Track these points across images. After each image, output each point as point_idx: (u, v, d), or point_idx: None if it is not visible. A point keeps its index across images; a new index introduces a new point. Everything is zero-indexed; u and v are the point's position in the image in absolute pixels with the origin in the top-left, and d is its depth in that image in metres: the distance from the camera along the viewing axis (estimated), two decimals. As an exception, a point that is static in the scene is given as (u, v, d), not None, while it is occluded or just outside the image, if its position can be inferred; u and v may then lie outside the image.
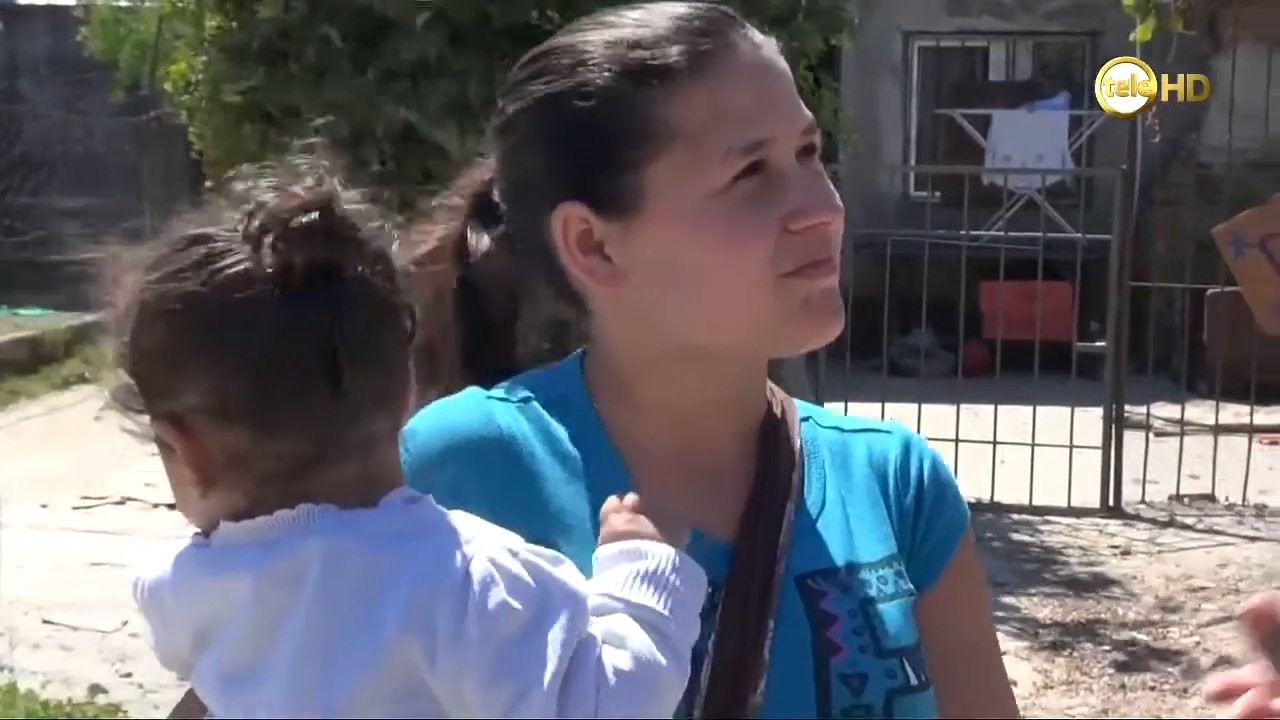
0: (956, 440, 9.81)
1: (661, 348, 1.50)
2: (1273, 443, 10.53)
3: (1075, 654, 7.15)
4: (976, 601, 1.65)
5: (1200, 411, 10.81)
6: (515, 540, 1.29)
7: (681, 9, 1.49)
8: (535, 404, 1.52)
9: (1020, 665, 6.94)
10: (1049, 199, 14.01)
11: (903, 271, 10.53)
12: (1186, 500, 9.98)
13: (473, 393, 1.52)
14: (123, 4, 20.16)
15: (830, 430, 1.62)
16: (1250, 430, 10.04)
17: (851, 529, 1.55)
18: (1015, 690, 6.21)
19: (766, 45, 1.49)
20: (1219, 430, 9.99)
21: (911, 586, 1.55)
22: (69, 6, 21.03)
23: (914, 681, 1.49)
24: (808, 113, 1.48)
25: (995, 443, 9.79)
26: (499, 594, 1.23)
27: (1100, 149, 16.17)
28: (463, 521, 1.30)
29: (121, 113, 19.49)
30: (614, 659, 1.26)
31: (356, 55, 8.17)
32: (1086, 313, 11.76)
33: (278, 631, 1.24)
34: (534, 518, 1.42)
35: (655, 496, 1.45)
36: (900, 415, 9.92)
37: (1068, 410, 9.70)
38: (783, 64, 1.49)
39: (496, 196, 1.58)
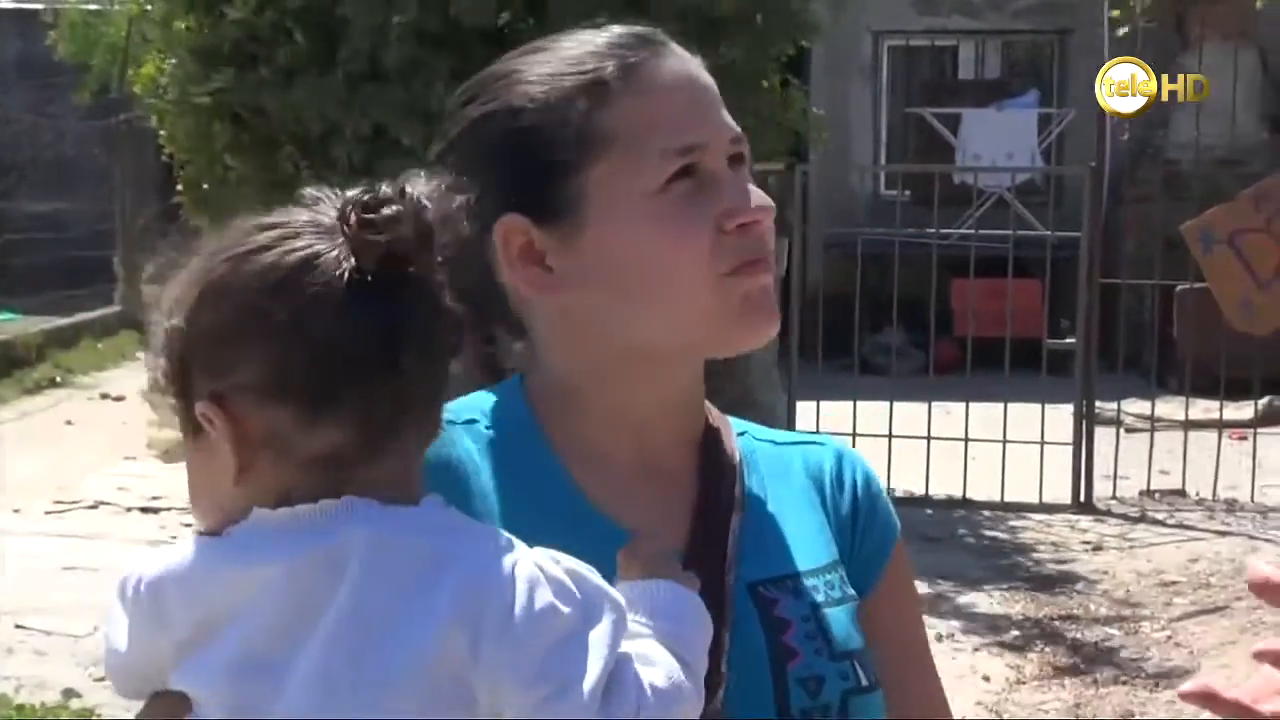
0: (929, 438, 9.85)
1: (607, 353, 1.52)
2: (1242, 438, 10.58)
3: (1047, 649, 7.18)
4: (912, 606, 1.70)
5: (1170, 407, 10.87)
6: (557, 552, 1.31)
7: (612, 31, 1.55)
8: (479, 425, 1.54)
9: (993, 661, 6.98)
10: (1019, 197, 14.06)
11: (874, 270, 10.56)
12: (1157, 495, 10.03)
13: None
14: (92, 7, 20.10)
15: (766, 444, 1.66)
16: (1220, 425, 10.09)
17: (795, 537, 1.58)
18: (988, 686, 6.21)
19: (692, 61, 1.55)
20: (1189, 426, 10.04)
21: (854, 592, 1.59)
22: (37, 10, 20.95)
23: (865, 682, 1.53)
24: (736, 126, 1.54)
25: (967, 440, 9.83)
26: (546, 595, 1.25)
27: (1069, 147, 16.24)
28: (498, 531, 1.33)
29: (91, 116, 19.43)
30: (650, 676, 1.28)
31: (322, 57, 8.18)
32: (1056, 310, 11.81)
33: (315, 619, 1.25)
34: None
35: (606, 509, 1.49)
36: (872, 413, 9.96)
37: (1038, 407, 9.74)
38: (709, 79, 1.55)
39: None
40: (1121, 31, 9.59)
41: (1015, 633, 7.41)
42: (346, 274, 1.27)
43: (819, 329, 10.20)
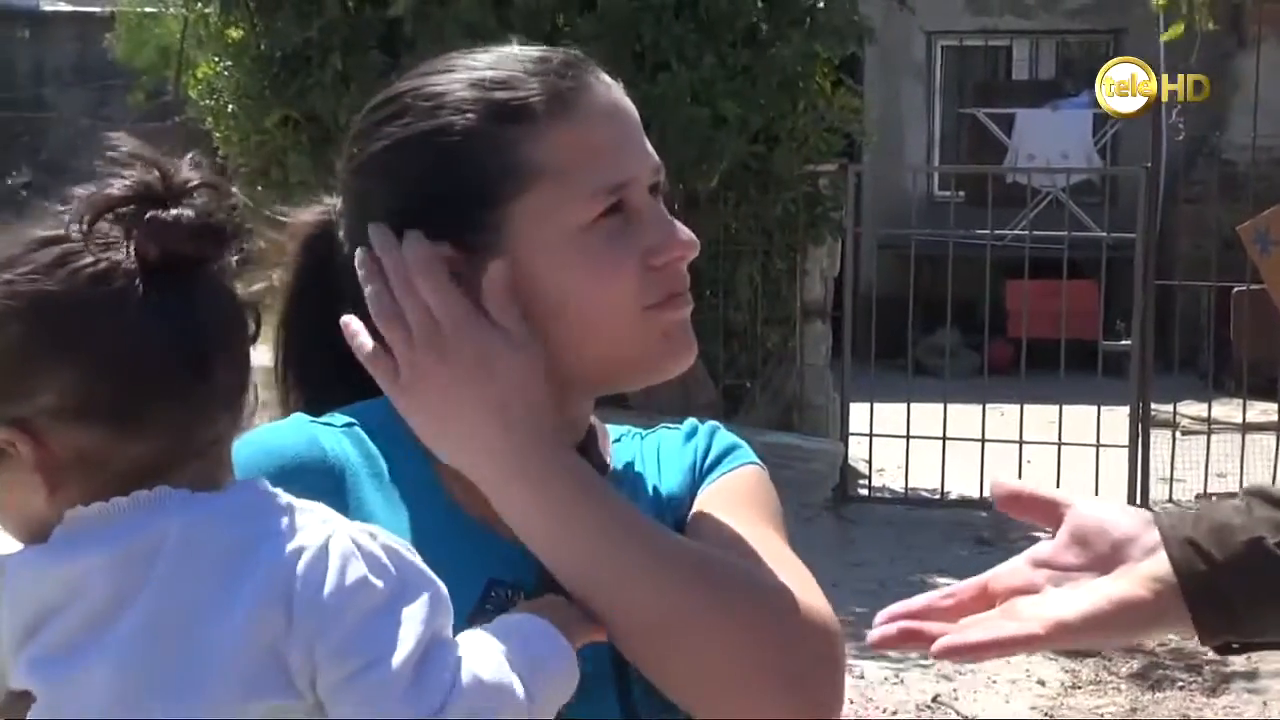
0: (983, 440, 9.81)
1: None
2: (1300, 440, 10.50)
3: (1103, 654, 7.14)
4: (736, 515, 1.57)
5: (1227, 409, 10.79)
6: (375, 527, 1.30)
7: (535, 52, 1.53)
8: (358, 429, 1.53)
9: (1048, 665, 6.94)
10: (1073, 197, 14.00)
11: (927, 271, 10.54)
12: (1214, 499, 9.94)
13: (297, 418, 1.53)
14: (148, 10, 20.25)
15: (635, 440, 1.66)
16: (1278, 428, 10.01)
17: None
18: (1043, 690, 6.15)
19: (616, 88, 1.54)
20: (1246, 428, 9.97)
21: None
22: (93, 13, 21.11)
23: None
24: (654, 154, 1.53)
25: (1021, 442, 9.78)
26: (359, 568, 1.24)
27: (1124, 147, 16.15)
28: (320, 507, 1.30)
29: (146, 118, 19.56)
30: (474, 666, 1.26)
31: (382, 66, 8.22)
32: (1112, 311, 11.75)
33: (122, 610, 1.22)
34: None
35: (481, 517, 1.47)
36: (925, 415, 9.93)
37: (1094, 409, 9.69)
38: (631, 107, 1.54)
39: (342, 236, 1.57)
40: (1169, 33, 9.53)
41: (1070, 636, 7.37)
42: (135, 285, 1.23)
43: (872, 330, 10.16)
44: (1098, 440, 9.74)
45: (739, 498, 1.59)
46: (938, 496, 10.05)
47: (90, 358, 1.23)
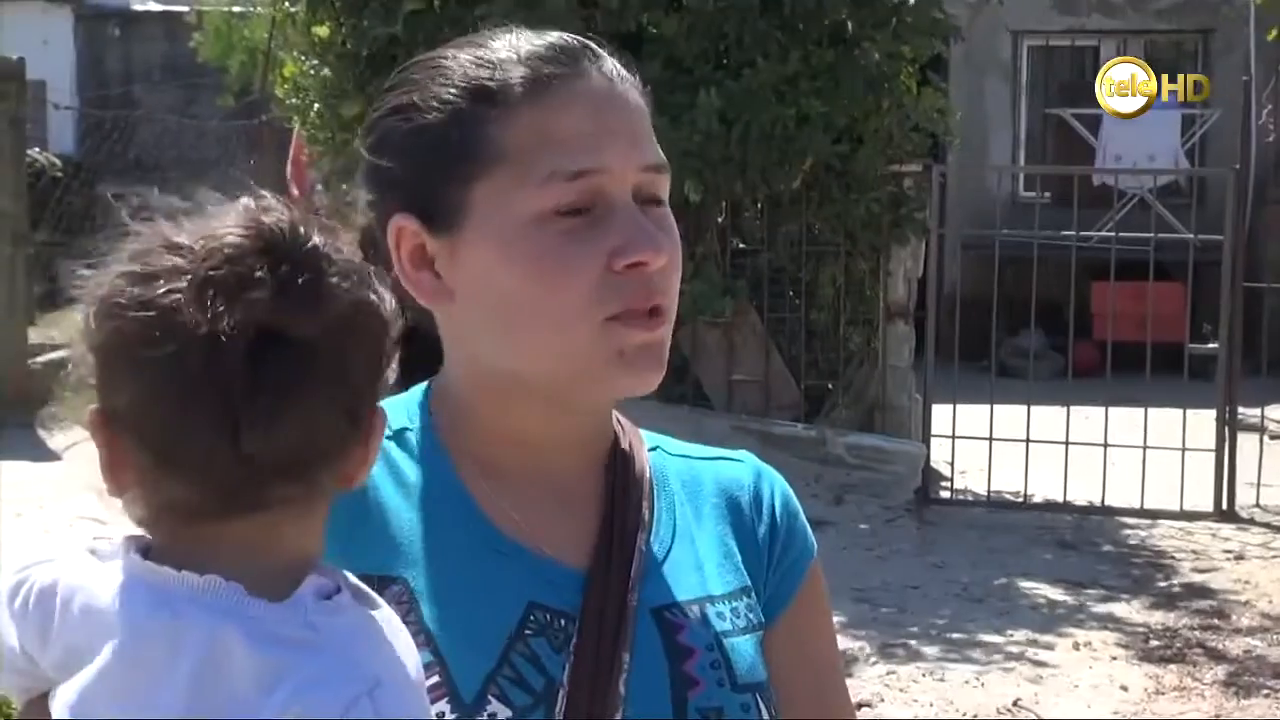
0: (1066, 442, 9.74)
1: (491, 373, 1.46)
2: (1390, 446, 10.38)
3: (1187, 660, 7.07)
4: (825, 628, 1.63)
5: (1316, 414, 10.69)
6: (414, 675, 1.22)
7: (546, 37, 1.48)
8: (410, 434, 1.49)
9: (1131, 671, 6.88)
10: (1161, 199, 13.87)
11: (1011, 272, 10.48)
12: (1302, 504, 9.87)
13: None
14: (235, 10, 20.44)
15: (679, 459, 1.59)
16: (1367, 433, 9.92)
17: (703, 560, 1.53)
18: (1126, 695, 6.09)
19: (621, 80, 1.46)
20: (1335, 433, 9.88)
21: (761, 619, 1.54)
22: (182, 13, 21.34)
23: (765, 717, 1.48)
24: (657, 153, 1.46)
25: (1106, 445, 9.71)
26: None
27: (1213, 148, 16.00)
28: (368, 641, 1.21)
29: (233, 117, 19.75)
30: None
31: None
32: (1199, 314, 11.63)
33: (153, 697, 1.17)
34: (377, 549, 1.41)
35: (508, 529, 1.45)
36: (1009, 417, 9.87)
37: (1180, 412, 9.60)
38: (636, 100, 1.47)
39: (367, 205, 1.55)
40: (1273, 34, 9.43)
41: (1154, 642, 7.31)
42: (203, 334, 1.17)
43: (955, 332, 10.11)
44: (1183, 444, 9.65)
45: (825, 612, 1.62)
46: (1020, 499, 9.99)
47: (145, 382, 1.20)
